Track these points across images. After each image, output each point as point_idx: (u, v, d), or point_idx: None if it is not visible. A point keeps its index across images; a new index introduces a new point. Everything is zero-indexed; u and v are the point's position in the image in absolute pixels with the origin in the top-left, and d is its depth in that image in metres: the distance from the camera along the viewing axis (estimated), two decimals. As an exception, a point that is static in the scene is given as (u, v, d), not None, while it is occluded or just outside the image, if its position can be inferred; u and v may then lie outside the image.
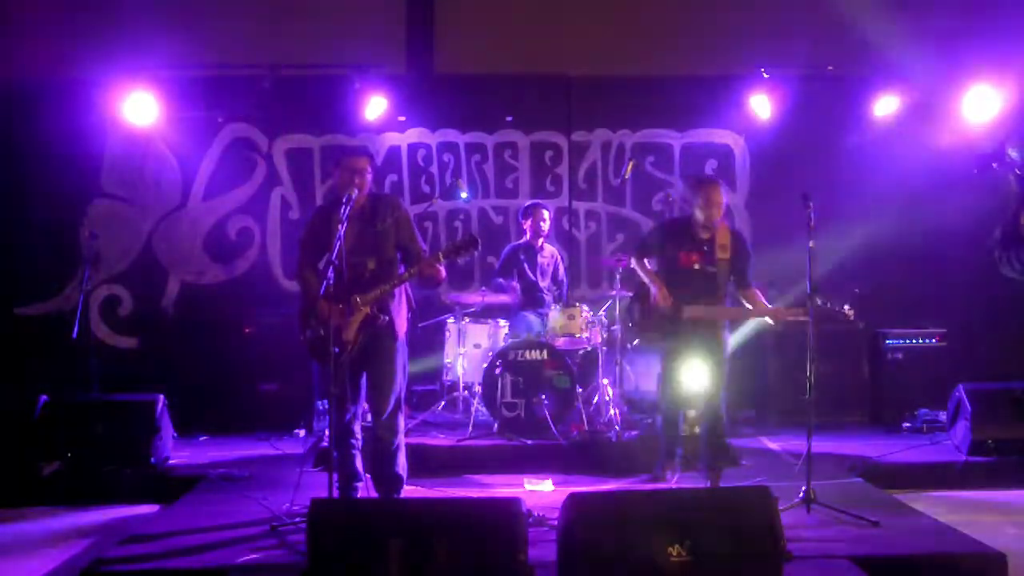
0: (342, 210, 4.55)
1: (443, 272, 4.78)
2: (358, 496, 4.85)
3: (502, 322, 6.99)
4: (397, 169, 8.17)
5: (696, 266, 5.33)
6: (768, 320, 5.39)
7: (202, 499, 5.39)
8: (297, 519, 4.67)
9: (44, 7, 7.76)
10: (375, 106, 7.59)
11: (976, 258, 7.82)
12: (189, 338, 7.70)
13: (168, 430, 6.33)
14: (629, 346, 6.72)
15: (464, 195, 7.94)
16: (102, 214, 7.90)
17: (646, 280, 5.54)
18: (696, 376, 5.40)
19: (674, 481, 5.58)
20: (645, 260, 5.59)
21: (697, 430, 5.76)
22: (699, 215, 5.34)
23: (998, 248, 7.72)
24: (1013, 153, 7.36)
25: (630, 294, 5.96)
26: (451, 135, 8.21)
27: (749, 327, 6.86)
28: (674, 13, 8.05)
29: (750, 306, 5.36)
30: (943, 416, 6.66)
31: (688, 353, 5.38)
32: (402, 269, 4.86)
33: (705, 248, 5.34)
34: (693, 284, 5.33)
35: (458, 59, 8.19)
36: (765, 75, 7.63)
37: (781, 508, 3.68)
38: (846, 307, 4.99)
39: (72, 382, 6.71)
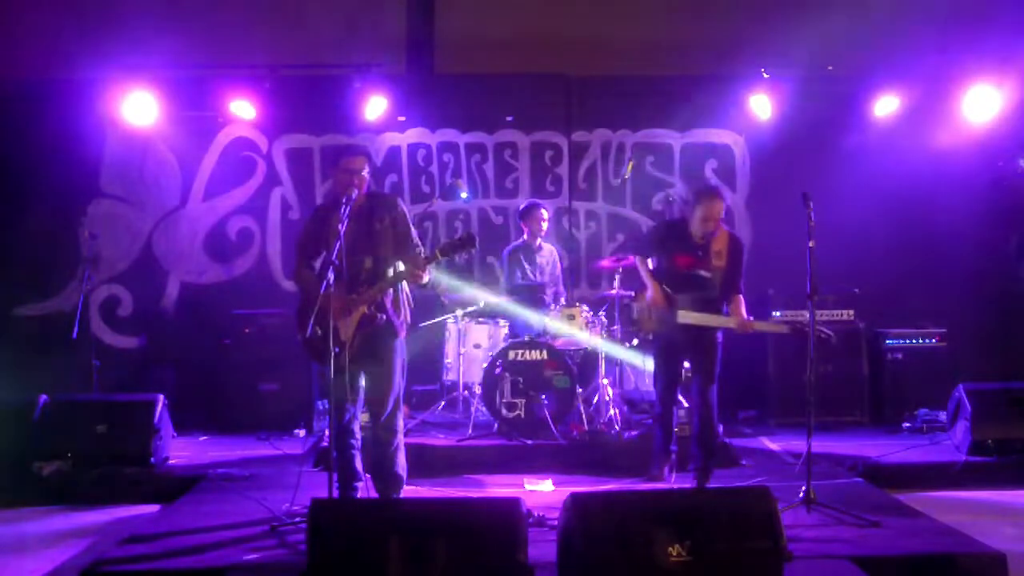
0: (342, 209, 4.54)
1: (424, 276, 4.75)
2: (358, 496, 4.85)
3: (502, 322, 6.99)
4: (397, 169, 8.17)
5: (691, 270, 5.36)
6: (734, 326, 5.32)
7: (202, 499, 5.38)
8: (297, 519, 4.67)
9: (44, 7, 7.77)
10: (375, 106, 7.60)
11: (976, 258, 7.84)
12: (189, 338, 7.71)
13: (168, 430, 6.32)
14: (628, 346, 6.72)
15: (464, 195, 7.94)
16: (102, 214, 7.90)
17: (645, 279, 5.56)
18: (689, 374, 5.49)
19: (672, 480, 5.59)
20: (648, 259, 5.64)
21: (688, 430, 5.76)
22: (695, 225, 5.37)
23: (1015, 255, 7.77)
24: None
25: (630, 293, 5.98)
26: (451, 135, 8.21)
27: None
28: (674, 13, 8.06)
29: (732, 313, 5.34)
30: (943, 416, 6.66)
31: (681, 351, 5.47)
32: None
33: (700, 253, 5.36)
34: (687, 287, 5.36)
35: (458, 59, 8.20)
36: (765, 75, 7.64)
37: (781, 508, 3.67)
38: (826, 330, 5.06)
39: (72, 382, 6.73)
